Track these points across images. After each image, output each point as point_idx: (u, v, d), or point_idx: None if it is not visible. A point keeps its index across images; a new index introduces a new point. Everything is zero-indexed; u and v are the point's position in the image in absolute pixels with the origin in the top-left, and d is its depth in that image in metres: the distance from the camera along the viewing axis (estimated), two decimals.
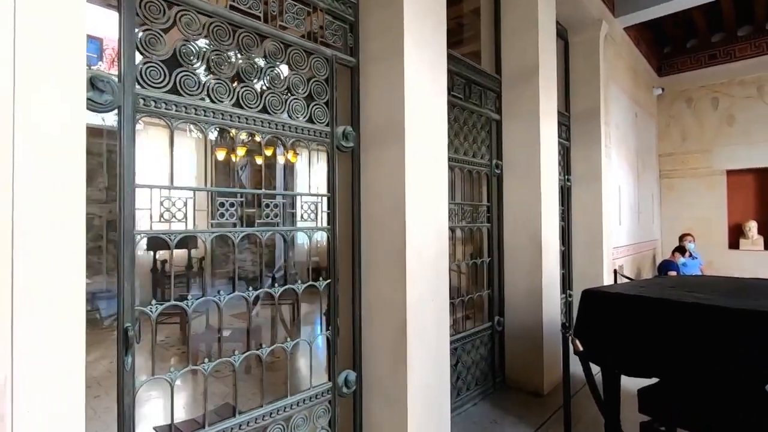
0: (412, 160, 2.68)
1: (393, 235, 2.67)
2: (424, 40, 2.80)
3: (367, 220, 2.84)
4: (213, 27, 2.15)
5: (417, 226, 2.69)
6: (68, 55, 1.44)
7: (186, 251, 8.55)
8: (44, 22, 1.38)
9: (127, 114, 1.84)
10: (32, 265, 1.33)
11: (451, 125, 3.70)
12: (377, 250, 2.77)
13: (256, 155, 6.19)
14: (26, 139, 1.33)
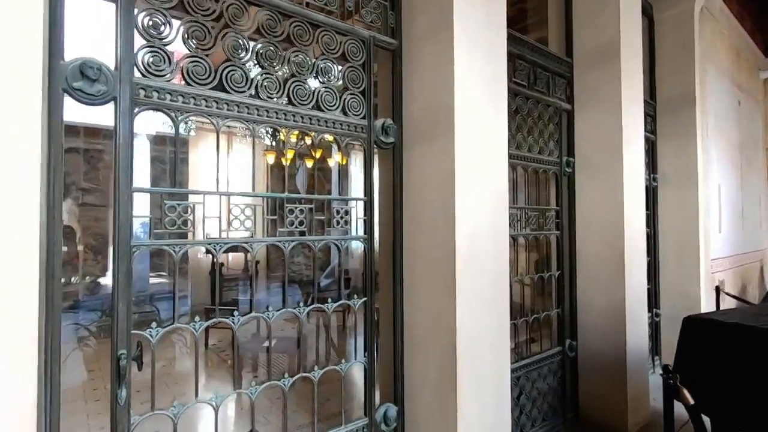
0: (464, 158, 2.23)
1: (441, 245, 2.23)
2: (478, 15, 2.34)
3: (410, 227, 2.42)
4: (227, 6, 1.86)
5: (470, 234, 2.23)
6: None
7: (243, 254, 8.67)
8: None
9: (124, 107, 1.58)
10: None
11: (513, 117, 3.18)
12: (422, 263, 2.34)
13: (283, 156, 5.87)
14: None
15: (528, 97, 3.35)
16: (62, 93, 1.48)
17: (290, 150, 5.78)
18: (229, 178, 1.92)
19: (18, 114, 1.25)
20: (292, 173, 8.15)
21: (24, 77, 1.28)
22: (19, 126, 1.25)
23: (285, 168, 5.44)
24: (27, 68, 1.30)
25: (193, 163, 8.56)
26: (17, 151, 1.23)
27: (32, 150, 1.32)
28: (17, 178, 1.22)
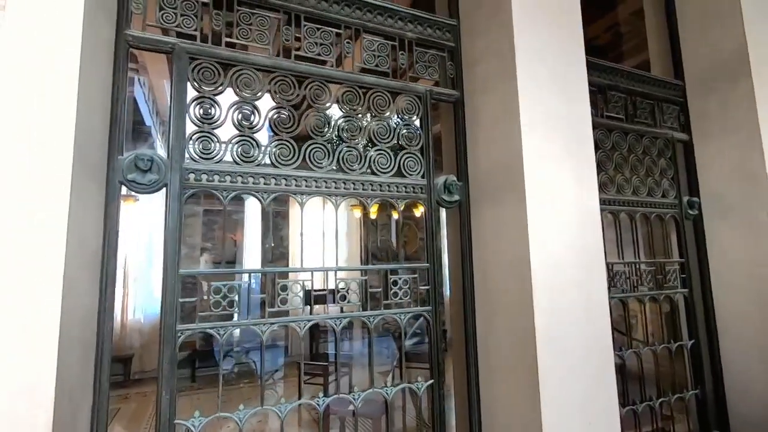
0: (539, 216, 1.89)
1: (517, 321, 1.87)
2: (545, 55, 2.06)
3: (482, 298, 2.10)
4: (275, 82, 1.88)
5: (552, 306, 1.83)
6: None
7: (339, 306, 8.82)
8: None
9: (174, 192, 1.63)
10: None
11: (608, 156, 2.71)
12: (498, 342, 1.99)
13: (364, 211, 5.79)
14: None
15: (627, 131, 2.86)
16: (119, 184, 1.57)
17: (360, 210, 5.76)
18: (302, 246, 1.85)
19: (82, 207, 1.32)
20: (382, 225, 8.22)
21: (90, 175, 1.37)
22: (80, 217, 1.31)
23: (363, 226, 5.48)
24: (94, 167, 1.40)
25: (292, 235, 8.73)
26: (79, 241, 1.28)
27: (95, 236, 1.40)
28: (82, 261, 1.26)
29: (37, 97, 1.19)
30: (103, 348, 1.49)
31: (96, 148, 1.46)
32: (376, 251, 9.12)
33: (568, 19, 2.17)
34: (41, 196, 1.15)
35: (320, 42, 1.99)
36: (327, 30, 2.02)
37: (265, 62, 1.86)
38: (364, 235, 8.69)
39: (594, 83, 2.71)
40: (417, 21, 2.23)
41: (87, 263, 1.38)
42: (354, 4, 2.08)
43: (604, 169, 2.67)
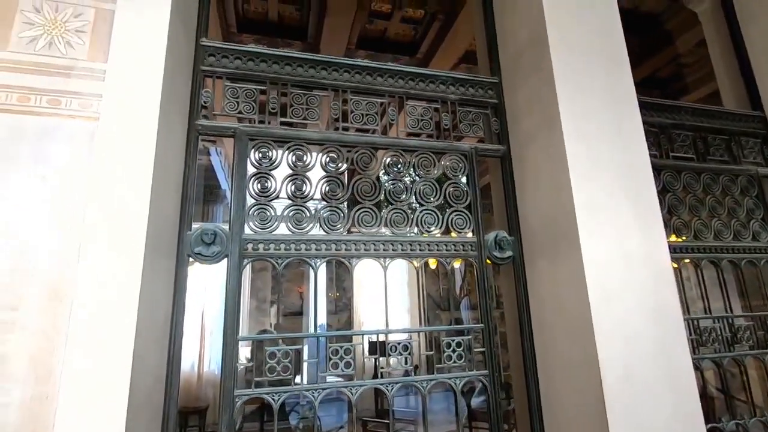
0: (599, 268, 1.77)
1: (583, 388, 1.71)
2: (590, 99, 2.01)
3: (545, 362, 1.96)
4: (325, 154, 2.01)
5: (623, 369, 1.66)
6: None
7: (403, 357, 8.58)
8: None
9: (234, 262, 1.76)
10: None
11: (680, 199, 2.50)
12: (565, 411, 1.82)
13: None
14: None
15: (699, 171, 2.63)
16: (187, 257, 1.73)
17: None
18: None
19: (153, 280, 1.47)
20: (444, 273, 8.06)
21: (162, 251, 1.54)
22: (151, 290, 1.46)
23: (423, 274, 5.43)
24: (165, 243, 1.58)
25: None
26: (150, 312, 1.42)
27: (165, 307, 1.55)
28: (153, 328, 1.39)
29: (118, 182, 1.38)
30: (170, 411, 1.58)
31: (168, 226, 1.64)
32: (439, 300, 8.92)
33: (614, 63, 2.13)
34: (119, 272, 1.30)
35: (366, 112, 2.12)
36: (372, 101, 2.15)
37: (315, 136, 2.01)
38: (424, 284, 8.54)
39: (654, 123, 2.58)
40: (459, 83, 2.30)
41: (156, 334, 1.51)
42: (397, 75, 2.21)
43: (676, 214, 2.46)
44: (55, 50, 1.40)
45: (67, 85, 1.38)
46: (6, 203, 1.25)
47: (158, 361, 1.56)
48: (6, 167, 1.27)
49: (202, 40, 1.98)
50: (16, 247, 1.23)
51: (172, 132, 1.67)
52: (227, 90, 1.96)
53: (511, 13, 2.38)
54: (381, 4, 4.14)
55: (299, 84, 2.07)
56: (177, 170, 1.76)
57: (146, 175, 1.38)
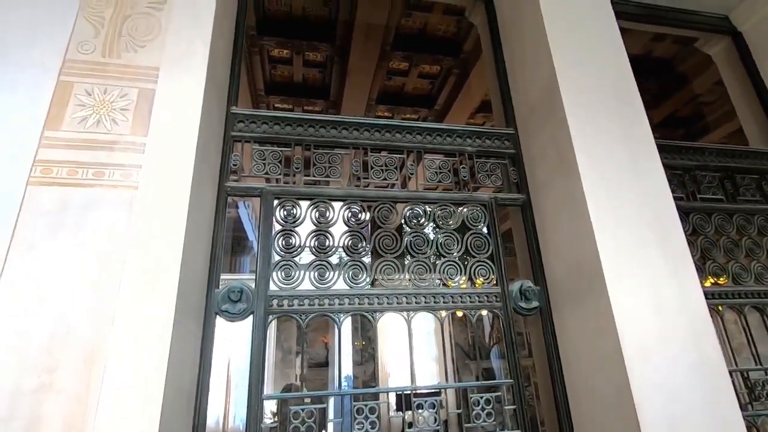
0: (632, 320, 1.70)
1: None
2: (606, 145, 2.03)
3: (580, 420, 1.85)
4: (347, 209, 2.07)
5: (665, 430, 1.55)
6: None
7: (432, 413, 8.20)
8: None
9: (259, 319, 1.79)
10: None
11: (713, 243, 2.41)
12: None
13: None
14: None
15: (731, 212, 2.55)
16: (215, 315, 1.78)
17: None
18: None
19: (184, 339, 1.51)
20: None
21: (190, 310, 1.58)
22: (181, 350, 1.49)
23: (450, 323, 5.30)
24: (194, 302, 1.63)
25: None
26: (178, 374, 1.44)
27: (192, 365, 1.57)
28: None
29: (153, 247, 1.45)
30: None
31: (197, 285, 1.70)
32: (468, 349, 8.60)
33: (628, 108, 2.16)
34: (149, 336, 1.34)
35: (386, 168, 2.20)
36: (391, 157, 2.23)
37: (337, 193, 2.09)
38: (452, 333, 8.32)
39: (677, 166, 2.55)
40: (475, 135, 2.37)
41: (183, 396, 1.53)
42: (414, 131, 2.30)
43: (710, 257, 2.37)
44: (102, 127, 1.55)
45: (110, 158, 1.51)
46: (49, 269, 1.34)
47: (185, 423, 1.56)
48: (52, 236, 1.38)
49: (233, 108, 2.14)
50: (56, 312, 1.30)
51: (203, 195, 1.77)
52: (255, 153, 2.09)
53: (521, 68, 2.48)
54: (398, 63, 4.37)
55: (322, 144, 2.18)
56: (207, 231, 1.85)
57: (179, 238, 1.46)
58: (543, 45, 2.23)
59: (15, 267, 1.32)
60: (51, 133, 1.51)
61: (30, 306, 1.30)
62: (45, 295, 1.32)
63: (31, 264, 1.34)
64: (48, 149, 1.48)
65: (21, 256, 1.33)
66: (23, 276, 1.32)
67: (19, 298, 1.30)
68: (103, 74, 1.63)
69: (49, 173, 1.45)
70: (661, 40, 4.01)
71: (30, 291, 1.31)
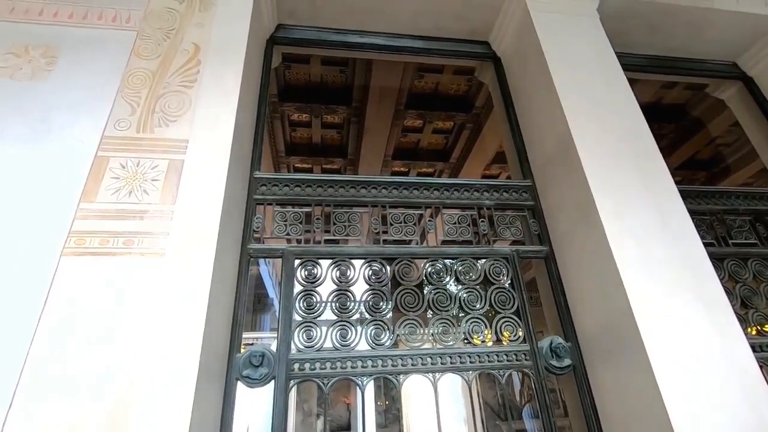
0: (675, 380, 1.59)
1: None
2: (626, 193, 2.01)
3: None
4: (367, 267, 2.07)
5: None
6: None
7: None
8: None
9: (281, 384, 1.75)
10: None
11: (753, 291, 2.28)
12: None
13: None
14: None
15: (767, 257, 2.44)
16: (236, 381, 1.74)
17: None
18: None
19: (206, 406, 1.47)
20: None
21: (211, 376, 1.56)
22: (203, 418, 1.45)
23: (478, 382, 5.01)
24: (215, 368, 1.61)
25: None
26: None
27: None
28: None
29: (177, 312, 1.46)
30: None
31: (219, 351, 1.69)
32: (498, 409, 8.08)
33: (645, 155, 2.17)
34: (172, 404, 1.32)
35: (404, 224, 2.21)
36: (410, 213, 2.25)
37: (357, 251, 2.10)
38: (480, 393, 7.89)
39: (704, 211, 2.49)
40: (493, 189, 2.39)
41: None
42: (432, 187, 2.33)
43: (752, 306, 2.23)
44: (133, 198, 1.63)
45: (140, 227, 1.57)
46: (78, 333, 1.36)
47: None
48: (83, 301, 1.41)
49: (255, 173, 2.23)
50: (88, 382, 1.31)
51: (227, 258, 1.81)
52: (276, 214, 2.14)
53: (535, 123, 2.53)
54: (413, 121, 4.53)
55: (341, 203, 2.22)
56: (229, 294, 1.86)
57: (202, 305, 1.47)
58: (554, 101, 2.29)
59: (48, 337, 1.35)
60: (86, 205, 1.59)
61: (62, 375, 1.30)
62: (76, 366, 1.33)
63: (60, 329, 1.36)
64: (83, 221, 1.55)
65: (51, 322, 1.37)
66: (53, 342, 1.34)
67: (52, 373, 1.31)
68: (136, 148, 1.74)
69: (83, 243, 1.51)
70: (671, 87, 4.08)
71: (61, 362, 1.33)
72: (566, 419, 2.54)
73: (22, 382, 1.28)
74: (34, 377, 1.30)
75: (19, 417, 1.25)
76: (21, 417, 1.25)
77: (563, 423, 3.56)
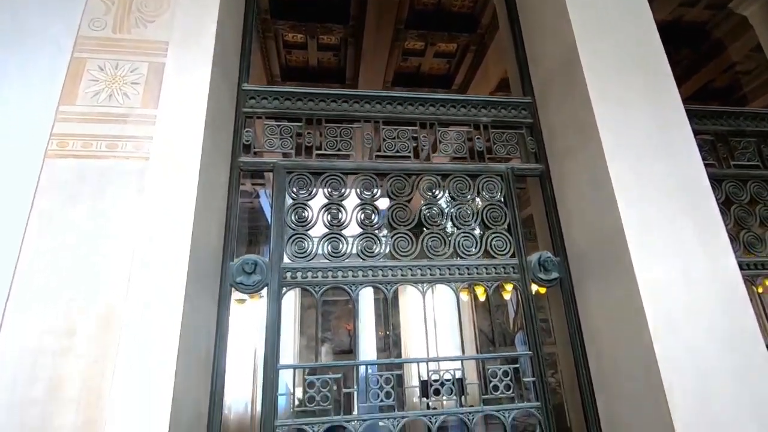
0: (657, 291, 1.63)
1: (651, 424, 1.53)
2: (630, 111, 1.93)
3: (605, 396, 1.78)
4: (359, 183, 2.05)
5: (697, 407, 1.47)
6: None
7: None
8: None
9: (273, 291, 1.80)
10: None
11: (749, 212, 2.26)
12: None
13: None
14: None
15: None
16: (230, 287, 1.80)
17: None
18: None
19: (198, 308, 1.53)
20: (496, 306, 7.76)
21: (204, 282, 1.61)
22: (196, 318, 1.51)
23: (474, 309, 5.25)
24: (208, 274, 1.66)
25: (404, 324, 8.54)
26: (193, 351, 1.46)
27: (208, 336, 1.60)
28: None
29: (164, 214, 1.46)
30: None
31: (211, 258, 1.72)
32: (492, 336, 8.51)
33: (654, 73, 2.05)
34: (162, 302, 1.37)
35: (398, 140, 2.16)
36: (404, 129, 2.19)
37: (349, 166, 2.07)
38: (475, 317, 8.24)
39: (709, 132, 2.41)
40: (491, 105, 2.30)
41: (199, 366, 1.55)
42: (428, 102, 2.24)
43: (745, 226, 2.23)
44: (114, 101, 1.57)
45: (123, 131, 1.54)
46: (67, 237, 1.38)
47: (201, 394, 1.58)
48: (70, 204, 1.41)
49: (244, 85, 2.14)
50: (74, 278, 1.34)
51: (215, 169, 1.79)
52: (266, 128, 2.09)
53: (540, 36, 2.38)
54: (414, 42, 4.30)
55: (334, 118, 2.16)
56: (220, 205, 1.86)
57: (189, 206, 1.48)
58: (562, 13, 2.13)
59: (35, 233, 1.37)
60: (66, 107, 1.54)
61: (48, 271, 1.34)
62: (63, 263, 1.36)
63: (49, 231, 1.38)
64: (63, 123, 1.51)
65: (40, 224, 1.37)
66: (42, 242, 1.36)
67: (38, 264, 1.34)
68: (114, 49, 1.66)
69: (65, 146, 1.48)
70: (692, 5, 3.79)
71: (48, 257, 1.35)
72: (554, 346, 2.62)
73: (12, 292, 1.30)
74: (23, 285, 1.31)
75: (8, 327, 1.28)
76: (10, 327, 1.28)
77: (551, 350, 3.71)
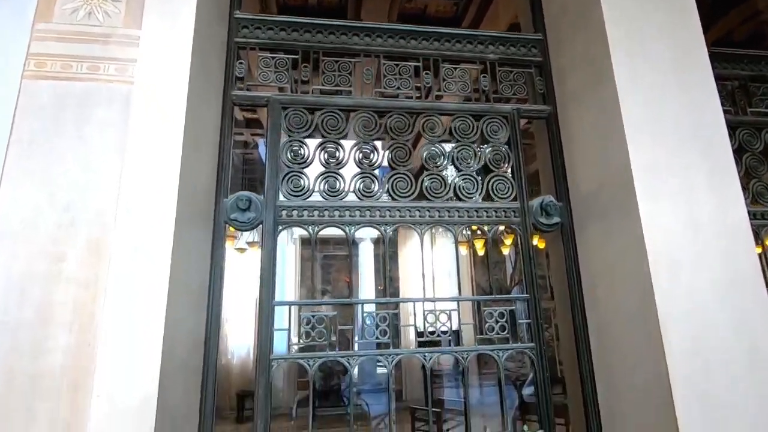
0: (662, 237, 1.58)
1: (643, 365, 1.54)
2: (648, 48, 1.81)
3: (599, 339, 1.79)
4: (357, 121, 1.96)
5: (694, 356, 1.47)
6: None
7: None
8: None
9: (268, 228, 1.76)
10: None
11: (761, 161, 2.18)
12: (622, 391, 1.65)
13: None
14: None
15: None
16: (224, 224, 1.76)
17: (463, 243, 5.62)
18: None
19: (187, 244, 1.50)
20: (495, 262, 7.82)
21: (197, 217, 1.57)
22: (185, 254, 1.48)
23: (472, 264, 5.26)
24: (201, 210, 1.62)
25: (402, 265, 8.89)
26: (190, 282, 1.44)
27: (202, 271, 1.59)
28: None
29: (150, 144, 1.39)
30: (208, 376, 1.61)
31: (204, 194, 1.67)
32: (490, 290, 8.67)
33: (676, 6, 1.89)
34: (151, 230, 1.33)
35: (399, 77, 2.04)
36: (406, 65, 2.07)
37: (347, 102, 1.97)
38: (473, 272, 8.34)
39: (729, 76, 2.29)
40: (499, 42, 2.16)
41: (193, 296, 1.54)
42: (432, 37, 2.11)
43: (756, 176, 2.16)
44: (93, 19, 1.46)
45: (105, 52, 1.44)
46: (51, 162, 1.32)
47: (196, 324, 1.59)
48: (52, 129, 1.35)
49: (236, 12, 2.00)
50: (60, 203, 1.30)
51: (206, 101, 1.70)
52: (260, 60, 1.97)
53: None
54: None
55: (331, 51, 2.03)
56: (212, 139, 1.79)
57: (176, 137, 1.41)
58: None
59: (16, 158, 1.31)
60: (42, 25, 1.43)
61: (33, 196, 1.29)
62: (50, 188, 1.31)
63: (30, 155, 1.32)
64: (40, 42, 1.41)
65: (20, 148, 1.31)
66: (24, 168, 1.31)
67: (22, 191, 1.29)
68: None
69: (44, 66, 1.39)
70: None
71: (32, 183, 1.30)
72: (552, 302, 2.59)
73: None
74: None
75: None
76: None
77: (548, 305, 3.72)
